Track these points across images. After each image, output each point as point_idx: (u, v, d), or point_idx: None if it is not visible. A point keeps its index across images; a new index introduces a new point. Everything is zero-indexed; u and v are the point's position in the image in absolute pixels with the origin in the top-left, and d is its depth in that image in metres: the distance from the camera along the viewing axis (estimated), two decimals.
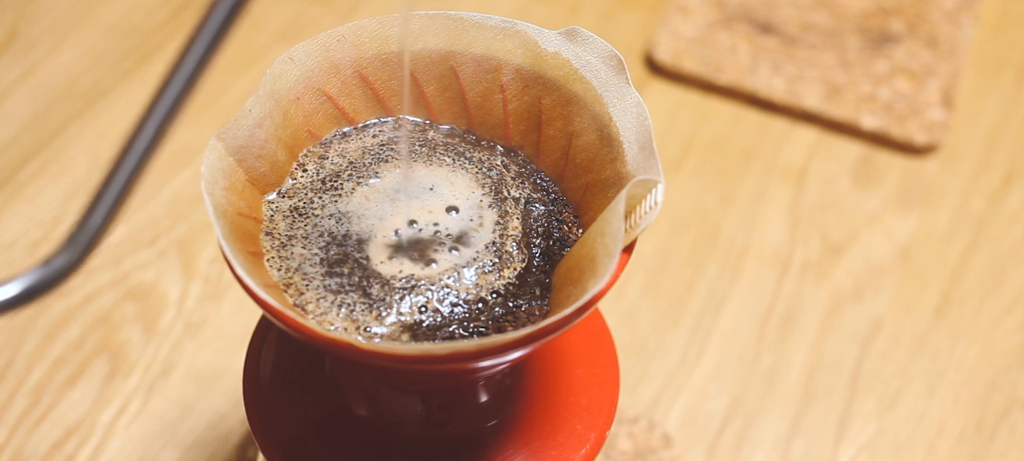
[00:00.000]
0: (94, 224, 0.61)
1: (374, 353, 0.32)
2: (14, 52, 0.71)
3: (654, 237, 0.64)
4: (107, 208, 0.62)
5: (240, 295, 0.60)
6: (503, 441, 0.41)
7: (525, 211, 0.38)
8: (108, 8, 0.74)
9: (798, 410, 0.58)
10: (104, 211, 0.62)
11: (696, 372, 0.59)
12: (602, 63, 0.38)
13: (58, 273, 0.59)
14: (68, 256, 0.60)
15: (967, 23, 0.75)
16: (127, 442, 0.55)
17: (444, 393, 0.40)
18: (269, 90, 0.37)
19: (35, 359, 0.57)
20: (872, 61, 0.72)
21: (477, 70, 0.40)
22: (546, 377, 0.42)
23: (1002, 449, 0.57)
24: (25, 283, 0.59)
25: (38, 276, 0.59)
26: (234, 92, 0.70)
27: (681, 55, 0.72)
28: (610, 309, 0.60)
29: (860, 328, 0.61)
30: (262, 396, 0.41)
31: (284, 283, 0.35)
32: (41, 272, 0.59)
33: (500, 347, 0.32)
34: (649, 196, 0.35)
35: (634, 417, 0.56)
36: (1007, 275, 0.64)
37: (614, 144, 0.37)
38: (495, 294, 0.36)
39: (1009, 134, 0.71)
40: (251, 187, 0.37)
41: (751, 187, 0.67)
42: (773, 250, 0.64)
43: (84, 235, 0.61)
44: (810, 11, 0.75)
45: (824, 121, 0.70)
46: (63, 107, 0.68)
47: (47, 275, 0.59)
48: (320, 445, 0.40)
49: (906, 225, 0.66)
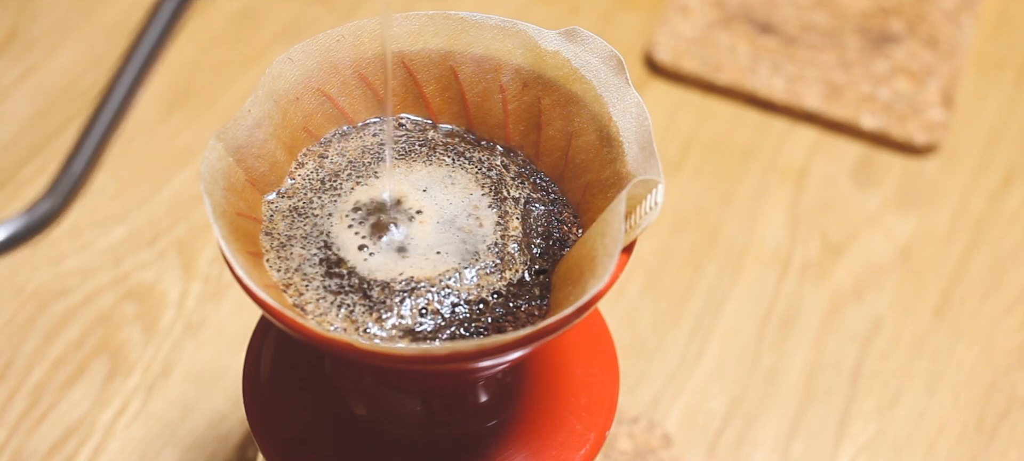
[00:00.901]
0: (75, 171, 0.63)
1: (373, 353, 0.32)
2: (14, 52, 0.71)
3: (654, 237, 0.64)
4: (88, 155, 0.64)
5: (240, 295, 0.60)
6: (503, 441, 0.41)
7: (525, 211, 0.38)
8: (108, 8, 0.74)
9: (798, 410, 0.58)
10: (85, 158, 0.64)
11: (696, 372, 0.59)
12: (602, 63, 0.38)
13: (41, 219, 0.61)
14: (51, 203, 0.61)
15: (967, 23, 0.75)
16: (127, 442, 0.55)
17: (444, 393, 0.40)
18: (268, 90, 0.37)
19: (35, 359, 0.57)
20: (872, 61, 0.72)
21: (477, 70, 0.40)
22: (546, 377, 0.42)
23: (1002, 449, 0.57)
24: (9, 229, 0.60)
25: (23, 222, 0.61)
26: (234, 92, 0.70)
27: (681, 55, 0.72)
28: (610, 309, 0.60)
29: (860, 328, 0.61)
30: (262, 396, 0.41)
31: (284, 283, 0.35)
32: (25, 218, 0.61)
33: (500, 347, 0.32)
34: (649, 196, 0.35)
35: (634, 417, 0.56)
36: (1007, 275, 0.64)
37: (614, 144, 0.37)
38: (495, 294, 0.36)
39: (1009, 134, 0.71)
40: (250, 187, 0.37)
41: (751, 187, 0.67)
42: (773, 250, 0.64)
43: (66, 181, 0.63)
44: (810, 11, 0.75)
45: (824, 121, 0.70)
46: (63, 107, 0.68)
47: (31, 221, 0.61)
48: (320, 445, 0.40)
49: (906, 225, 0.66)
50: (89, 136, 0.65)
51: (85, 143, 0.64)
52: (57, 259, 0.61)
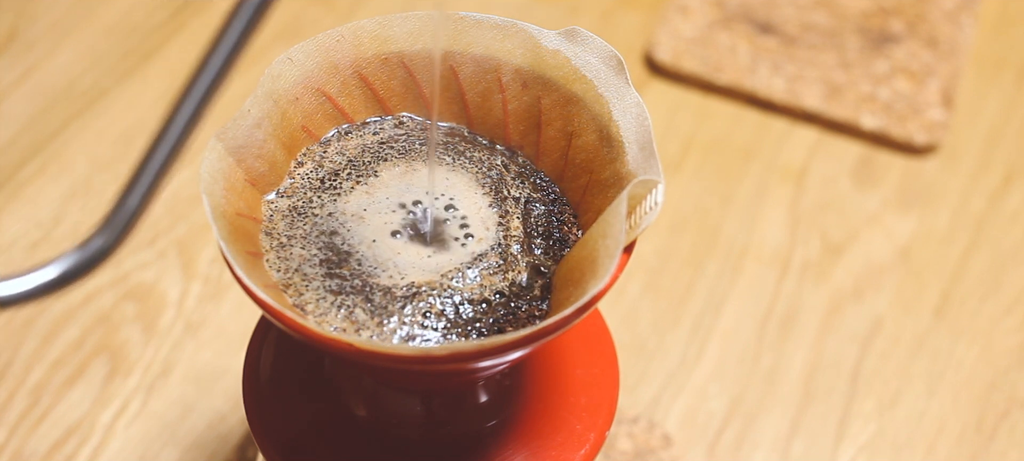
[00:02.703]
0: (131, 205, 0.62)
1: (373, 353, 0.32)
2: (14, 52, 0.71)
3: (654, 237, 0.64)
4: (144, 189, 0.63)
5: (240, 295, 0.60)
6: (503, 441, 0.41)
7: (525, 211, 0.38)
8: (108, 8, 0.74)
9: (798, 410, 0.58)
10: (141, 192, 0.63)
11: (696, 372, 0.59)
12: (602, 63, 0.38)
13: (97, 254, 0.60)
14: (105, 237, 0.60)
15: (967, 23, 0.75)
16: (127, 442, 0.55)
17: (444, 393, 0.40)
18: (268, 90, 0.37)
19: (35, 359, 0.57)
20: (872, 61, 0.72)
21: (477, 70, 0.40)
22: (546, 377, 0.42)
23: (1002, 449, 0.57)
24: (64, 266, 0.59)
25: (76, 258, 0.59)
26: (234, 92, 0.70)
27: (681, 55, 0.72)
28: (610, 309, 0.60)
29: (860, 328, 0.61)
30: (262, 396, 0.41)
31: (284, 283, 0.35)
32: (79, 254, 0.60)
33: (500, 348, 0.32)
34: (649, 196, 0.35)
35: (634, 417, 0.56)
36: (1007, 275, 0.64)
37: (614, 144, 0.37)
38: (496, 294, 0.36)
39: (1009, 134, 0.71)
40: (250, 187, 0.37)
41: (751, 187, 0.67)
42: (773, 250, 0.64)
43: (121, 216, 0.62)
44: (810, 11, 0.75)
45: (824, 121, 0.70)
46: (63, 107, 0.68)
47: (85, 257, 0.60)
48: (320, 445, 0.40)
49: (906, 225, 0.66)
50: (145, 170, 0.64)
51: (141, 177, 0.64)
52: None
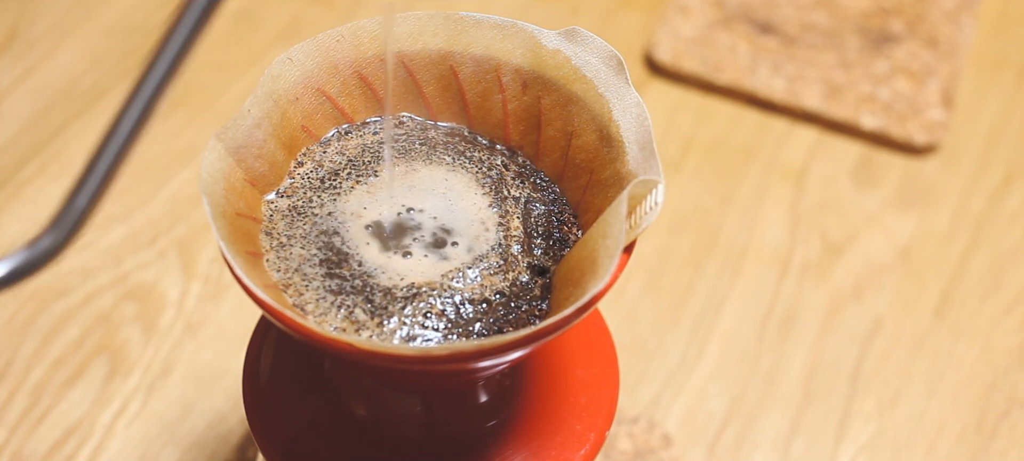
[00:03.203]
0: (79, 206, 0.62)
1: (373, 353, 0.32)
2: (14, 52, 0.71)
3: (654, 237, 0.64)
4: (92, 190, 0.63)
5: (240, 295, 0.60)
6: (503, 441, 0.41)
7: (525, 211, 0.38)
8: (108, 8, 0.74)
9: (798, 410, 0.58)
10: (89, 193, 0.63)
11: (696, 372, 0.59)
12: (602, 63, 0.38)
13: (44, 254, 0.60)
14: (54, 237, 0.60)
15: (967, 23, 0.75)
16: (127, 442, 0.55)
17: (444, 393, 0.40)
18: (268, 90, 0.37)
19: (35, 359, 0.57)
20: (872, 61, 0.72)
21: (477, 70, 0.40)
22: (546, 377, 0.42)
23: (1002, 449, 0.57)
24: (11, 264, 0.59)
25: (25, 257, 0.60)
26: (234, 92, 0.70)
27: (681, 55, 0.72)
28: (610, 309, 0.60)
29: (860, 328, 0.61)
30: (262, 396, 0.41)
31: (283, 283, 0.35)
32: (28, 253, 0.60)
33: (499, 348, 0.32)
34: (649, 196, 0.35)
35: (634, 417, 0.56)
36: (1007, 275, 0.64)
37: (614, 144, 0.37)
38: (497, 294, 0.36)
39: (1009, 134, 0.71)
40: (250, 187, 0.37)
41: (751, 187, 0.67)
42: (773, 250, 0.64)
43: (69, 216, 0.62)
44: (810, 11, 0.75)
45: (824, 121, 0.70)
46: (63, 107, 0.68)
47: (34, 256, 0.60)
48: (320, 445, 0.40)
49: (906, 225, 0.66)
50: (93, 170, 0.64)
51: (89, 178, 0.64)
52: (57, 259, 0.61)
